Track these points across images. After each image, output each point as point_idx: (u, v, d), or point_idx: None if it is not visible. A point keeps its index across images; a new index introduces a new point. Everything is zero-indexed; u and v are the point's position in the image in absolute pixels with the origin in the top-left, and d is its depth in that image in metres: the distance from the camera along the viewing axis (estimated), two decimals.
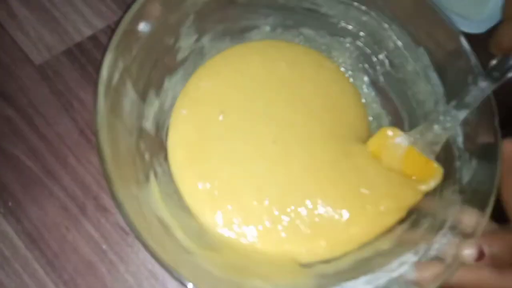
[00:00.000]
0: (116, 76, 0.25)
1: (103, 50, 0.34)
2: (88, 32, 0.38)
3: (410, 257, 0.27)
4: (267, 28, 0.35)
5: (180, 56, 0.32)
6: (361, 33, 0.34)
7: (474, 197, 0.27)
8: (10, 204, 0.33)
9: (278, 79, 0.35)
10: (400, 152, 0.32)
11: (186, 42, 0.31)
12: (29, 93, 0.36)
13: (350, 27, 0.34)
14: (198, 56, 0.34)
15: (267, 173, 0.32)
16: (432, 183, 0.30)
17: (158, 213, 0.27)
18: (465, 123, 0.29)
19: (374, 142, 0.33)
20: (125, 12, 0.26)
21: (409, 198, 0.31)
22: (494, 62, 0.27)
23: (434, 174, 0.30)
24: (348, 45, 0.36)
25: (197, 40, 0.32)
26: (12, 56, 0.37)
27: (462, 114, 0.29)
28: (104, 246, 0.33)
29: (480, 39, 0.40)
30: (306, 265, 0.30)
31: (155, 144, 0.31)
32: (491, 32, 0.41)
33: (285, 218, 0.31)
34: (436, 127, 0.30)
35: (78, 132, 0.35)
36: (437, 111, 0.31)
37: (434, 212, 0.29)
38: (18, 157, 0.34)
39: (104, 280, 0.32)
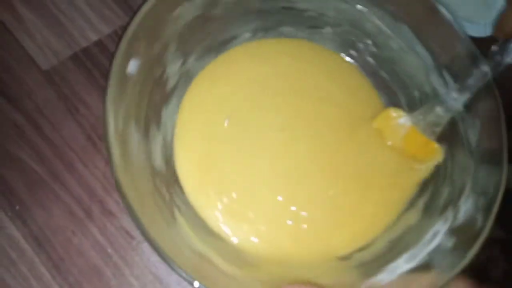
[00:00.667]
0: (120, 123, 0.25)
1: (109, 55, 0.34)
2: (94, 37, 0.38)
3: (441, 226, 0.27)
4: (248, 35, 0.35)
5: (171, 83, 0.32)
6: (341, 21, 0.35)
7: (485, 156, 0.28)
8: (17, 207, 0.33)
9: (279, 74, 0.35)
10: (402, 132, 0.33)
11: (173, 69, 0.31)
12: (36, 97, 0.36)
13: (328, 17, 0.35)
14: (188, 79, 0.34)
15: (278, 171, 0.32)
16: (432, 163, 0.32)
17: (193, 246, 0.27)
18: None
19: (378, 122, 0.34)
20: (119, 40, 0.25)
21: (413, 177, 0.32)
22: (496, 46, 0.27)
23: (434, 154, 0.32)
24: (329, 34, 0.36)
25: (183, 63, 0.32)
26: (19, 60, 0.37)
27: (464, 97, 0.29)
28: (109, 250, 0.33)
29: (486, 42, 0.40)
30: (344, 258, 0.31)
31: (170, 179, 0.31)
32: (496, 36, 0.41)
33: (306, 215, 0.31)
34: (438, 109, 0.30)
35: (84, 136, 0.35)
36: (438, 94, 0.31)
37: (451, 179, 0.30)
38: (24, 161, 0.34)
39: (109, 283, 0.32)
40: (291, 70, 0.35)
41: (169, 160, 0.31)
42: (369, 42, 0.35)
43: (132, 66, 0.25)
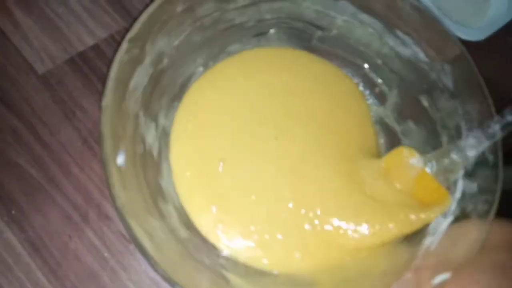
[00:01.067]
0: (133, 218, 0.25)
1: (105, 59, 0.34)
2: (90, 41, 0.38)
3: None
4: (201, 69, 0.36)
5: (155, 151, 0.32)
6: (280, 19, 0.35)
7: (465, 91, 0.30)
8: (13, 212, 0.33)
9: (273, 90, 0.36)
10: (413, 174, 0.31)
11: (151, 137, 0.31)
12: (33, 102, 0.36)
13: (267, 19, 0.35)
14: (166, 137, 0.34)
15: (274, 188, 0.33)
16: (438, 210, 0.30)
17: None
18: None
19: (388, 160, 0.33)
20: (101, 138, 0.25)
21: (413, 223, 0.30)
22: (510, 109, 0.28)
23: (444, 201, 0.30)
24: (274, 35, 0.37)
25: (157, 126, 0.32)
26: (16, 66, 0.37)
27: (483, 145, 0.28)
28: (106, 254, 0.33)
29: (480, 46, 0.40)
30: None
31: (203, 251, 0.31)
32: (490, 39, 0.41)
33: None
34: (453, 154, 0.29)
35: (81, 140, 0.35)
36: (456, 141, 0.31)
37: (444, 125, 0.31)
38: (21, 166, 0.34)
39: None
40: (250, 94, 0.36)
41: (188, 225, 0.31)
42: (314, 28, 0.36)
43: (121, 159, 0.26)
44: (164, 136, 0.33)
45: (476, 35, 0.41)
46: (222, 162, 0.33)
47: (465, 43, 0.40)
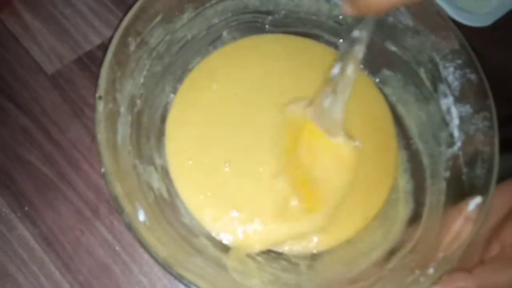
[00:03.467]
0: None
1: None
2: (97, 40, 0.39)
3: (447, 102, 0.30)
4: (172, 95, 0.35)
5: (165, 193, 0.32)
6: (228, 18, 0.36)
7: (426, 23, 0.30)
8: (26, 208, 0.34)
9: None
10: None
11: (155, 180, 0.31)
12: (42, 101, 0.37)
13: (216, 24, 0.35)
14: (167, 174, 0.33)
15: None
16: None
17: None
18: None
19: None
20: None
21: None
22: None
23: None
24: (228, 36, 0.37)
25: (156, 168, 0.32)
26: (26, 67, 0.38)
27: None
28: (117, 248, 0.34)
29: (484, 32, 0.40)
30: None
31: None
32: (495, 25, 0.41)
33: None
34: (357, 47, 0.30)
35: (89, 137, 0.36)
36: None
37: (417, 61, 0.32)
38: (33, 163, 0.35)
39: (118, 281, 0.33)
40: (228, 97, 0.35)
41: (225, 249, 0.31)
42: (263, 15, 0.37)
43: (141, 214, 0.26)
44: (166, 174, 0.33)
45: (482, 21, 0.40)
46: (228, 163, 0.33)
47: (471, 29, 0.39)
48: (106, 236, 0.34)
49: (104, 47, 0.39)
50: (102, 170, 0.25)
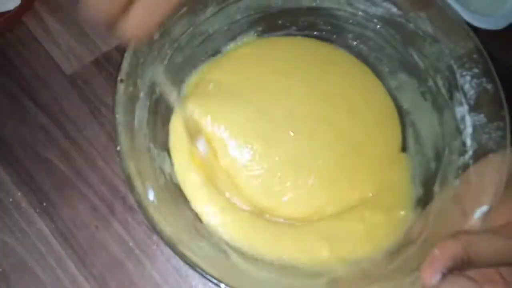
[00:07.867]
0: None
1: None
2: (114, 42, 0.40)
3: (462, 110, 0.30)
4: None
5: (176, 180, 0.32)
6: (251, 16, 0.36)
7: (445, 32, 0.30)
8: (44, 204, 0.35)
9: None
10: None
11: (167, 166, 0.32)
12: (61, 101, 0.38)
13: (239, 20, 0.36)
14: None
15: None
16: None
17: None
18: None
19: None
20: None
21: None
22: None
23: None
24: (250, 33, 0.37)
25: (169, 154, 0.33)
26: (47, 67, 0.40)
27: None
28: (131, 244, 0.35)
29: (498, 35, 0.40)
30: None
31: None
32: (509, 28, 0.40)
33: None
34: None
35: (106, 136, 0.37)
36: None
37: (435, 69, 0.32)
38: (51, 161, 0.36)
39: (131, 276, 0.34)
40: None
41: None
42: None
43: (151, 195, 0.27)
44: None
45: (496, 23, 0.40)
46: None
47: (485, 32, 0.39)
48: (120, 232, 0.35)
49: (121, 49, 0.40)
50: (118, 148, 0.26)
